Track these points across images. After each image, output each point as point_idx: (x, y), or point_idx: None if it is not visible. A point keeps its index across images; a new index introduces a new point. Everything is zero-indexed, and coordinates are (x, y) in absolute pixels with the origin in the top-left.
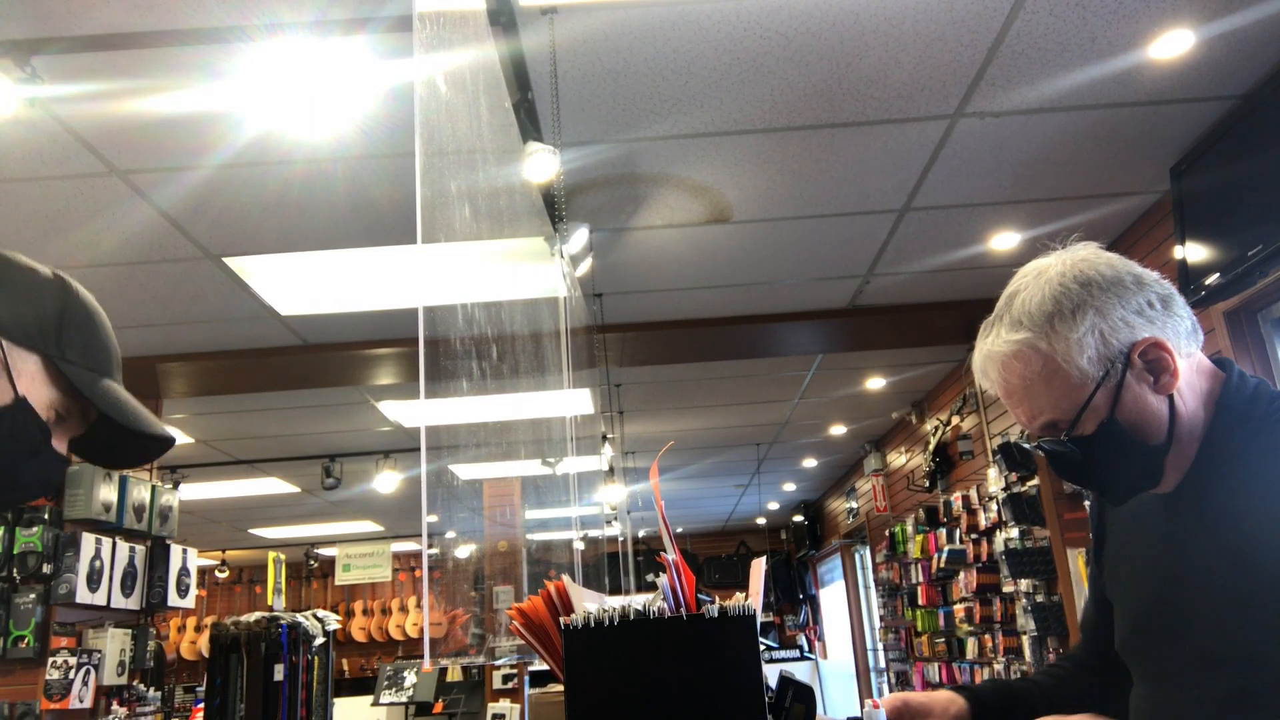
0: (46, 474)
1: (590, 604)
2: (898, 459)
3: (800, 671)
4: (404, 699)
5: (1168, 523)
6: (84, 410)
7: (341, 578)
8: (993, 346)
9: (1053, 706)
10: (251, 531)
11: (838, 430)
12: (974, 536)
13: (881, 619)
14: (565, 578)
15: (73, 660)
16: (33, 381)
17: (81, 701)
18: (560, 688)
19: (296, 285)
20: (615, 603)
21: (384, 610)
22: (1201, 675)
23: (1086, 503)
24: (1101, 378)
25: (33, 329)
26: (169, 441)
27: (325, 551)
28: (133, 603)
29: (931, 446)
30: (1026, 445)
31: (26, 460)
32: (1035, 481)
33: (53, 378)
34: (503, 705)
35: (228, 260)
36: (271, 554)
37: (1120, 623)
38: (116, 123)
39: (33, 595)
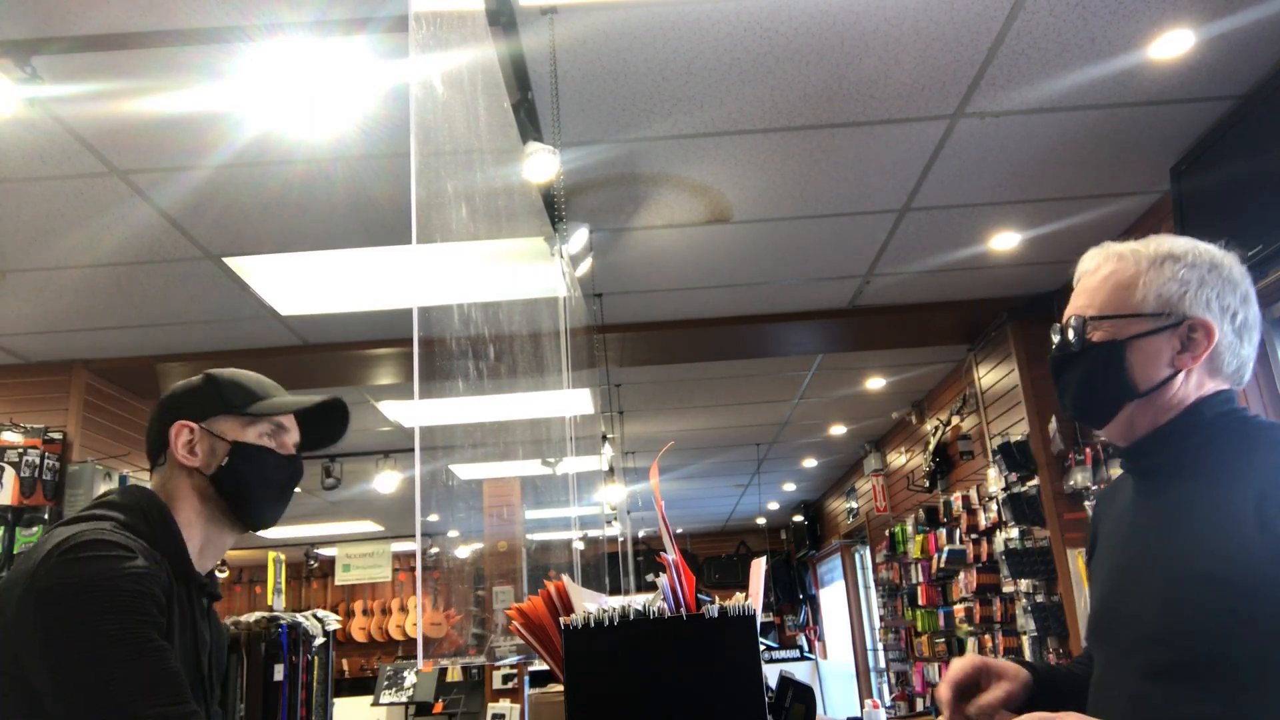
0: (288, 475)
1: (589, 604)
2: (898, 459)
3: (800, 671)
4: (404, 699)
5: (1137, 519)
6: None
7: (341, 578)
8: (1117, 247)
9: (1084, 694)
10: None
11: (838, 430)
12: (974, 536)
13: (881, 619)
14: (565, 578)
15: None
16: (231, 428)
17: None
18: (560, 688)
19: (296, 285)
20: (615, 603)
21: (384, 610)
22: (1140, 653)
23: (1087, 503)
24: (1149, 314)
25: (204, 406)
26: (334, 408)
27: (325, 551)
28: None
29: (931, 446)
30: (1054, 335)
31: (264, 475)
32: (1035, 481)
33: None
34: (503, 705)
35: (228, 260)
36: (271, 554)
37: (1091, 612)
38: (116, 123)
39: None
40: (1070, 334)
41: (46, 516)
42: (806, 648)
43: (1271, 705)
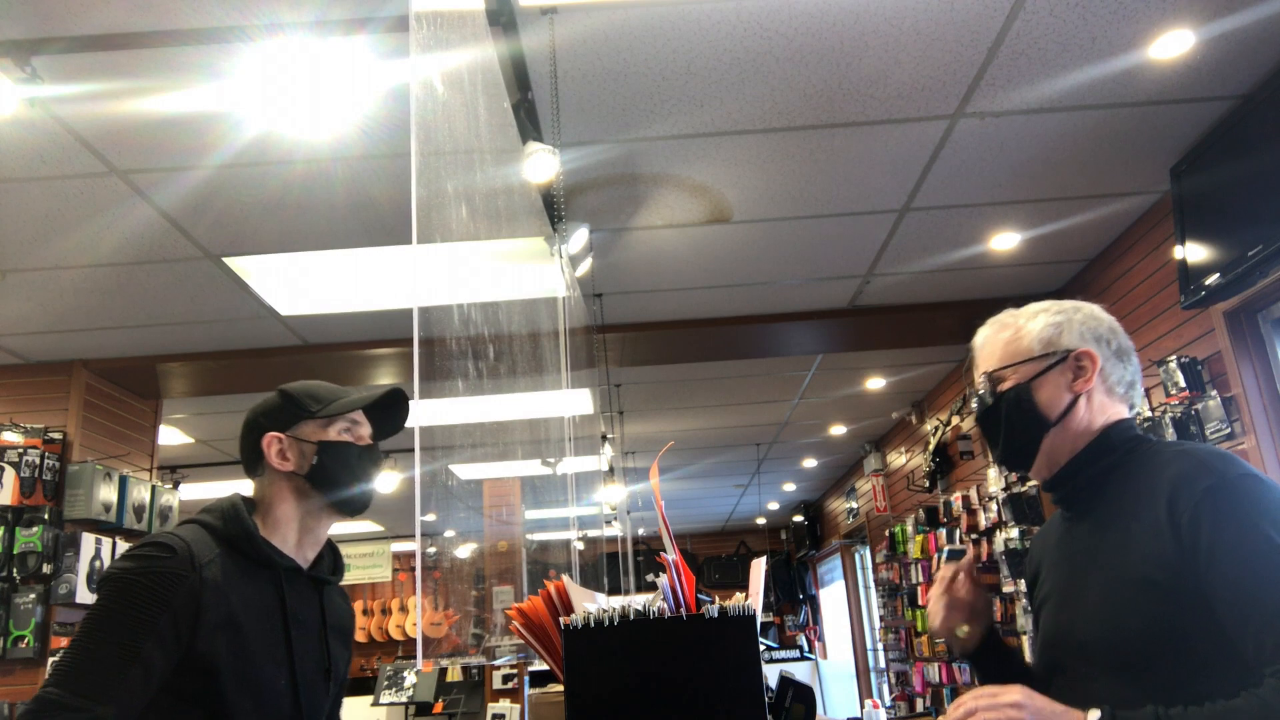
0: (372, 465)
1: (587, 604)
2: (898, 459)
3: (800, 671)
4: (404, 699)
5: (1068, 544)
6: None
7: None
8: (999, 316)
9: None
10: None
11: (838, 430)
12: (974, 536)
13: (881, 619)
14: (565, 578)
15: None
16: (314, 431)
17: None
18: (560, 688)
19: (296, 285)
20: (615, 603)
21: (384, 610)
22: (1082, 658)
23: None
24: (1039, 356)
25: (286, 416)
26: (397, 394)
27: None
28: None
29: (931, 446)
30: (972, 401)
31: (351, 468)
32: (1035, 481)
33: (318, 422)
34: (503, 705)
35: (228, 260)
36: None
37: (1041, 624)
38: (116, 123)
39: (33, 595)
40: (984, 392)
41: (46, 516)
42: (806, 648)
43: (1200, 689)
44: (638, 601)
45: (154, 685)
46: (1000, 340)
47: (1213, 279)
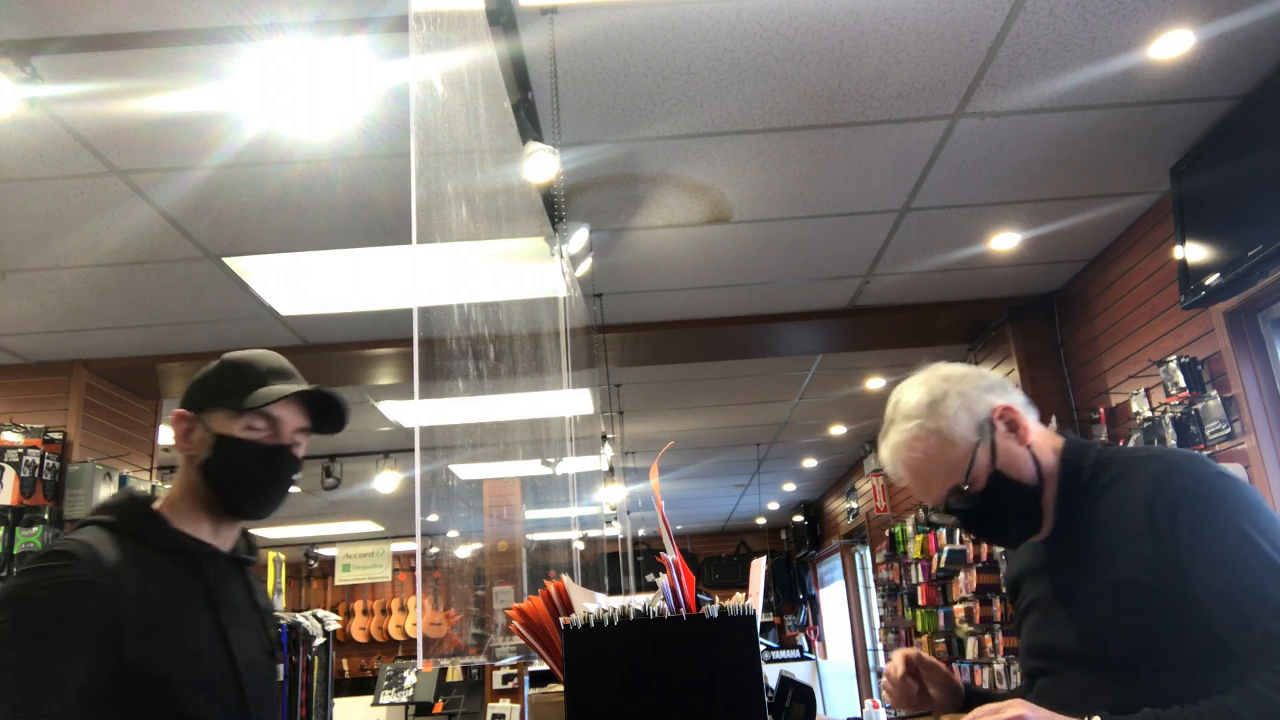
0: (278, 467)
1: (587, 604)
2: None
3: (800, 671)
4: (404, 699)
5: (1048, 559)
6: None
7: (341, 578)
8: (895, 438)
9: None
10: (251, 531)
11: (838, 430)
12: (973, 536)
13: (881, 619)
14: (565, 578)
15: None
16: (222, 422)
17: None
18: (560, 688)
19: (296, 285)
20: (615, 603)
21: (384, 610)
22: (1070, 661)
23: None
24: (978, 440)
25: (203, 397)
26: (327, 397)
27: (325, 551)
28: None
29: None
30: (936, 517)
31: (249, 468)
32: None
33: (228, 412)
34: (503, 705)
35: (228, 260)
36: (271, 554)
37: (1024, 637)
38: (116, 123)
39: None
40: (962, 502)
41: (46, 516)
42: (806, 648)
43: (1189, 686)
44: (638, 601)
45: (79, 707)
46: (935, 454)
47: (1213, 279)
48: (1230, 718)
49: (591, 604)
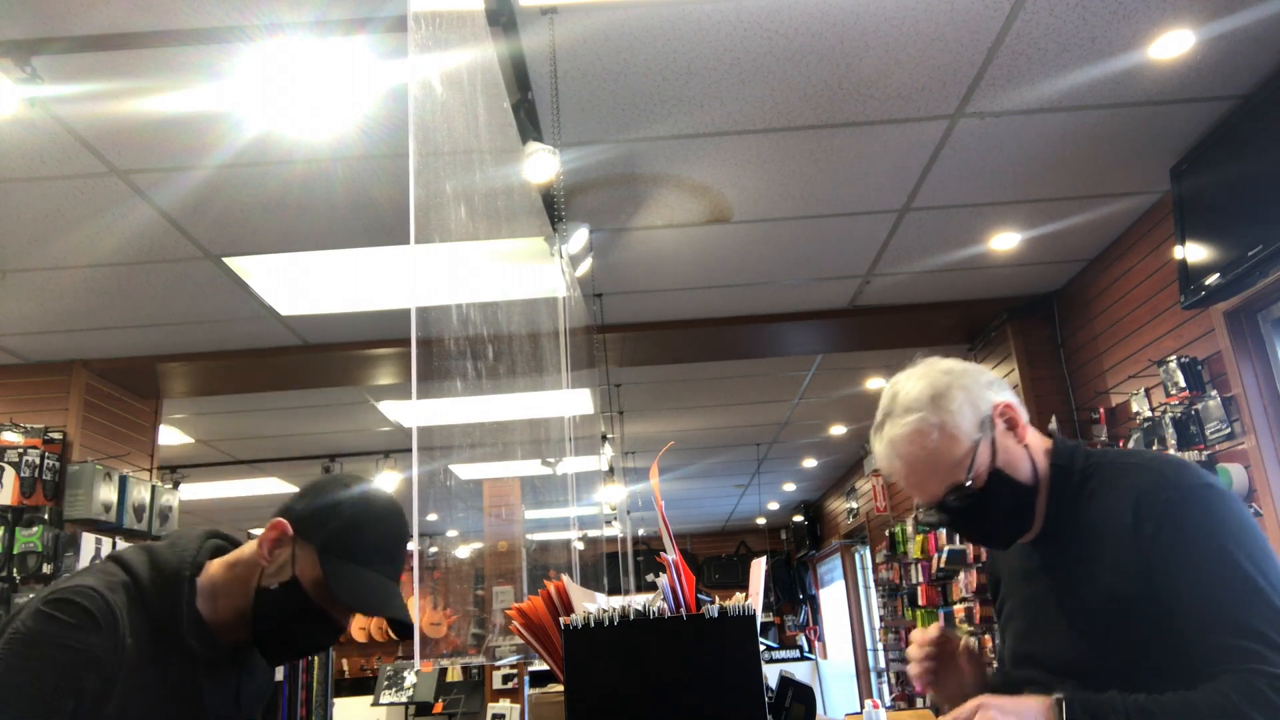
0: (319, 638)
1: (587, 604)
2: None
3: (800, 671)
4: (404, 699)
5: (1034, 563)
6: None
7: None
8: (893, 431)
9: None
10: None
11: (838, 430)
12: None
13: (881, 619)
14: (565, 578)
15: None
16: (308, 566)
17: None
18: (560, 688)
19: (296, 285)
20: (615, 603)
21: None
22: (1058, 664)
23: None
24: (980, 437)
25: (311, 526)
26: (406, 626)
27: None
28: None
29: None
30: (925, 516)
31: (294, 624)
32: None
33: (318, 564)
34: (503, 705)
35: (228, 260)
36: None
37: (1009, 644)
38: (116, 123)
39: (33, 595)
40: (961, 500)
41: (46, 516)
42: (806, 648)
43: (1169, 683)
44: (638, 601)
45: None
46: (938, 449)
47: (1213, 279)
48: (1189, 708)
49: (591, 604)
